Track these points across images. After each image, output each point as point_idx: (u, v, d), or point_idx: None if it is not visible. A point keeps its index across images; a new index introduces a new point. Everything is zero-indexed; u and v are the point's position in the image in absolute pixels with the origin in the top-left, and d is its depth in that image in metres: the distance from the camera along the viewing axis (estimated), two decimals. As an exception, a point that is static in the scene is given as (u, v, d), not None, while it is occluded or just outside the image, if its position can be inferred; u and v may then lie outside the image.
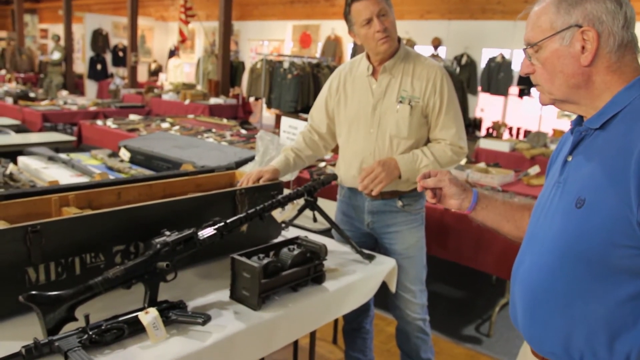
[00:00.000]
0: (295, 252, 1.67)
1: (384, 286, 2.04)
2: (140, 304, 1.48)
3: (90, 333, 1.28)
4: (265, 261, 1.57)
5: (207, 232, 1.61)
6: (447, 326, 3.19)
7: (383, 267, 2.00)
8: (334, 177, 2.09)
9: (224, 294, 1.64)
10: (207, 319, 1.41)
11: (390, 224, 2.10)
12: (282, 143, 2.62)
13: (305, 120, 3.17)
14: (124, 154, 3.07)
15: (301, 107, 8.64)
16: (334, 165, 4.05)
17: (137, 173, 2.86)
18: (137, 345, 1.33)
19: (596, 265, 1.02)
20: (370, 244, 2.20)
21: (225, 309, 1.55)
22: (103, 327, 1.31)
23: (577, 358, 1.07)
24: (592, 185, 1.03)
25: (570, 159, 1.12)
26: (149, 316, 1.36)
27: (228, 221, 1.66)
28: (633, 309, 1.00)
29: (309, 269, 1.71)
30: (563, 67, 1.06)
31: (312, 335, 2.08)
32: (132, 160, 3.10)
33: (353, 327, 2.32)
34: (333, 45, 11.34)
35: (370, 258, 2.00)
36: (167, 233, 1.57)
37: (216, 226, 1.64)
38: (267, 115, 10.33)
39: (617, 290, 1.01)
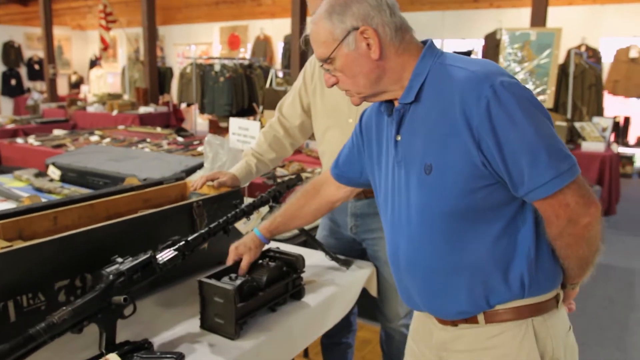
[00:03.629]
0: (271, 267, 1.47)
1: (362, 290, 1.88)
2: (95, 348, 1.24)
3: (37, 396, 1.03)
4: (239, 281, 1.36)
5: (166, 254, 1.39)
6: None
7: (362, 273, 1.84)
8: (299, 179, 1.90)
9: (193, 324, 1.41)
10: (180, 359, 1.19)
11: (374, 228, 1.92)
12: (232, 146, 2.40)
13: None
14: (53, 172, 2.74)
15: (236, 111, 8.37)
16: (282, 166, 3.85)
17: (71, 192, 2.55)
18: (97, 402, 1.09)
19: (465, 216, 1.11)
20: (356, 252, 2.00)
21: (198, 342, 1.33)
22: (53, 387, 1.06)
23: (484, 304, 1.15)
24: (431, 150, 1.11)
25: (399, 138, 1.19)
26: (109, 365, 1.12)
27: (189, 239, 1.44)
28: (508, 240, 1.11)
29: (287, 284, 1.51)
30: (360, 68, 1.14)
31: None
32: (63, 179, 2.77)
33: (334, 341, 2.13)
34: (263, 45, 11.09)
35: (347, 264, 1.83)
36: (119, 260, 1.33)
37: (176, 246, 1.42)
38: (200, 121, 9.96)
39: (490, 228, 1.11)
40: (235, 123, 2.40)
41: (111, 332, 1.24)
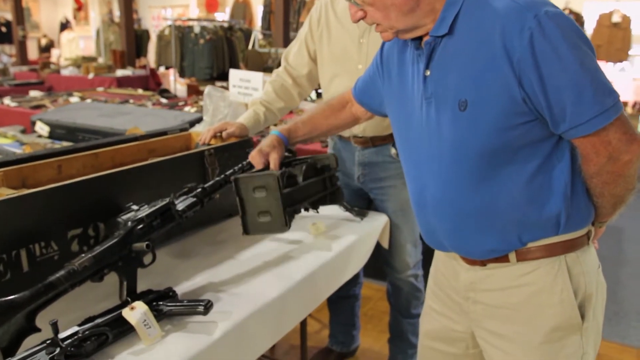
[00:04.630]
0: (305, 165, 1.41)
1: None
2: (112, 298, 1.18)
3: (64, 345, 0.96)
4: (277, 172, 1.29)
5: (184, 201, 1.32)
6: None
7: (377, 224, 1.80)
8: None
9: (214, 274, 1.35)
10: (209, 306, 1.13)
11: (382, 177, 1.87)
12: (233, 99, 2.31)
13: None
14: (42, 128, 2.61)
15: (217, 74, 8.17)
16: (275, 125, 3.76)
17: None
18: (127, 351, 1.03)
19: (501, 154, 1.06)
20: (362, 203, 1.97)
21: (222, 291, 1.27)
22: (79, 335, 0.99)
23: (517, 242, 1.12)
24: (467, 85, 1.04)
25: (428, 73, 1.12)
26: (137, 312, 1.06)
27: (206, 186, 1.37)
28: (544, 177, 1.07)
29: (324, 181, 1.47)
30: (393, 0, 1.06)
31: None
32: (51, 135, 2.64)
33: (341, 294, 2.10)
34: (242, 8, 10.80)
35: (361, 215, 1.79)
36: (135, 207, 1.26)
37: (193, 193, 1.35)
38: (179, 87, 9.69)
39: (526, 166, 1.07)
40: (235, 75, 2.30)
41: (132, 281, 1.17)
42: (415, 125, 1.18)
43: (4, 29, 12.17)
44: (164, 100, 5.03)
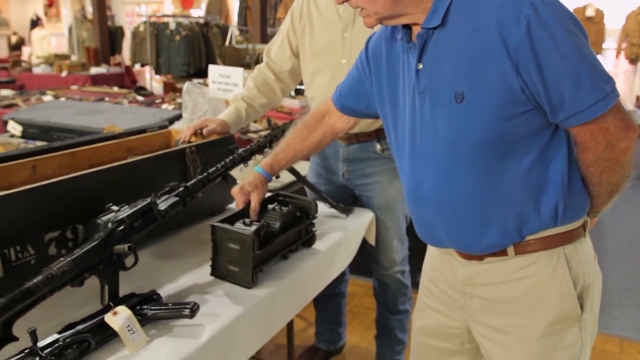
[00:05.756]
0: (284, 212, 1.37)
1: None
2: (94, 303, 1.13)
3: (43, 354, 0.92)
4: (255, 227, 1.26)
5: (166, 201, 1.27)
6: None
7: (363, 221, 1.77)
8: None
9: (199, 275, 1.31)
10: (195, 308, 1.09)
11: (368, 173, 1.85)
12: (213, 95, 2.26)
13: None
14: (14, 128, 2.52)
15: (194, 71, 8.07)
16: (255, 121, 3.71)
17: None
18: (110, 358, 0.99)
19: (499, 145, 1.04)
20: (347, 200, 1.94)
21: (208, 293, 1.23)
22: (60, 343, 0.95)
23: (516, 235, 1.10)
24: (463, 76, 1.03)
25: (421, 66, 1.10)
26: (120, 317, 1.01)
27: (188, 185, 1.33)
28: (542, 168, 1.06)
29: (300, 230, 1.43)
30: None
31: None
32: (25, 135, 2.56)
33: (327, 292, 2.07)
34: (218, 4, 10.67)
35: (347, 211, 1.76)
36: (115, 208, 1.21)
37: (175, 192, 1.30)
38: (155, 85, 9.54)
39: (524, 157, 1.05)
40: (215, 70, 2.25)
41: (114, 285, 1.13)
42: (408, 120, 1.16)
43: (-28, 27, 11.85)
44: (140, 98, 4.93)
